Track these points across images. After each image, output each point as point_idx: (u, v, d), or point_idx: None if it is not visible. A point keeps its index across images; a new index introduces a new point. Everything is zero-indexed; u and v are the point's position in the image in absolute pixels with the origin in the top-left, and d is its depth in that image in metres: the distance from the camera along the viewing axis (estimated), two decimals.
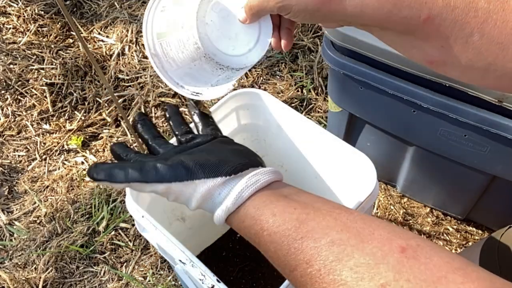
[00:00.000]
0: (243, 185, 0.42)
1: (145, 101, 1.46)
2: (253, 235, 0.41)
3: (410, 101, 0.88)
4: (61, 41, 1.67)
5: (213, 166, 0.44)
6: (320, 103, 1.43)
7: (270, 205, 0.41)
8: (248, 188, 0.42)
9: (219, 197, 0.44)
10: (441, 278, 0.30)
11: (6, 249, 1.20)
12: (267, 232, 0.39)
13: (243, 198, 0.42)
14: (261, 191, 0.43)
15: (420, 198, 1.18)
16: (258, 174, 0.44)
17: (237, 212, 0.43)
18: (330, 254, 0.34)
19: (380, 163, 1.14)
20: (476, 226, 1.16)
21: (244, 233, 0.43)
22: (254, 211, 0.41)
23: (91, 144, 1.42)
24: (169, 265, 1.14)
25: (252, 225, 0.41)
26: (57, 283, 1.13)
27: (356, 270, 0.32)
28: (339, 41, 0.89)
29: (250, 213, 0.42)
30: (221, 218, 0.44)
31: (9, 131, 1.47)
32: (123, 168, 0.45)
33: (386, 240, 0.34)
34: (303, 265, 0.35)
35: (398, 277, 0.31)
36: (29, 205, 1.28)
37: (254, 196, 0.42)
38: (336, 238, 0.35)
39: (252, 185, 0.43)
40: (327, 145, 0.76)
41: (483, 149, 0.88)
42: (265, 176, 0.44)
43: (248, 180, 0.43)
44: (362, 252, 0.33)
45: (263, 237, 0.40)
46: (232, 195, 0.42)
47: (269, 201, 0.41)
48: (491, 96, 0.78)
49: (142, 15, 1.65)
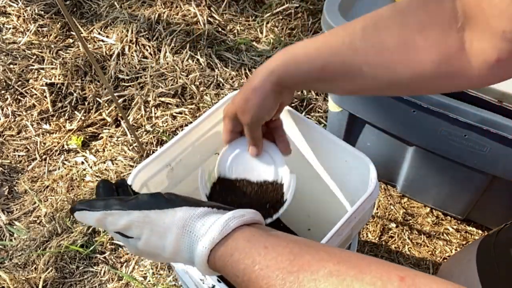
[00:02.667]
0: (230, 215, 0.40)
1: (145, 101, 1.46)
2: (241, 270, 0.37)
3: (410, 101, 0.88)
4: (61, 41, 1.67)
5: (196, 200, 0.43)
6: (320, 103, 1.43)
7: (260, 238, 0.38)
8: (235, 219, 0.40)
9: (202, 228, 0.40)
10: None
11: (6, 249, 1.20)
12: (259, 266, 0.36)
13: (230, 227, 0.39)
14: (247, 226, 0.40)
15: (420, 198, 1.18)
16: (242, 210, 0.42)
17: (224, 245, 0.39)
18: (329, 285, 0.33)
19: (380, 163, 1.14)
20: (476, 226, 1.16)
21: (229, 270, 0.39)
22: (244, 243, 0.38)
23: (91, 144, 1.42)
24: (169, 265, 1.14)
25: (241, 259, 0.37)
26: (57, 283, 1.13)
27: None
28: None
29: (240, 246, 0.38)
30: (204, 252, 0.39)
31: (9, 131, 1.47)
32: (105, 200, 0.44)
33: (384, 271, 0.33)
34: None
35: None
36: (29, 205, 1.28)
37: (243, 229, 0.40)
38: (333, 269, 0.34)
39: (239, 217, 0.40)
40: (327, 145, 0.76)
41: (483, 149, 0.88)
42: (250, 214, 0.42)
43: (234, 213, 0.40)
44: (362, 282, 0.32)
45: (254, 272, 0.36)
46: (219, 224, 0.39)
47: (259, 235, 0.39)
48: (491, 96, 0.78)
49: (142, 15, 1.66)
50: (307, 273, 0.34)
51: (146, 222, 0.41)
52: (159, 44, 1.59)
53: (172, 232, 0.40)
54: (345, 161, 0.74)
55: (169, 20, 1.66)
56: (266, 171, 0.64)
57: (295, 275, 0.34)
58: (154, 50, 1.58)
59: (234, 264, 0.38)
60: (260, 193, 0.64)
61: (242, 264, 0.37)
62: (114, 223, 0.42)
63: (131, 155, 1.37)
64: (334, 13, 0.90)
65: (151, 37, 1.61)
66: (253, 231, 0.40)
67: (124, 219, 0.42)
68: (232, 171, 0.66)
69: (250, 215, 0.42)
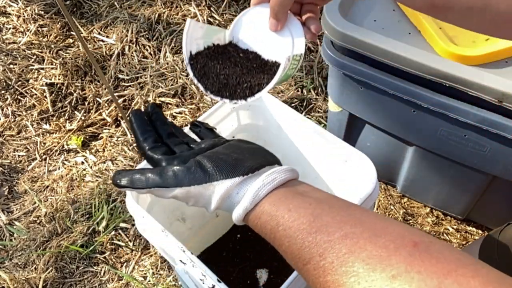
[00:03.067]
0: (259, 184, 0.43)
1: (145, 101, 1.46)
2: (268, 230, 0.42)
3: (410, 101, 0.88)
4: (61, 41, 1.67)
5: (230, 167, 0.44)
6: (320, 103, 1.43)
7: (285, 201, 0.41)
8: (264, 187, 0.43)
9: (237, 196, 0.44)
10: (451, 271, 0.30)
11: (6, 249, 1.20)
12: (282, 227, 0.40)
13: (260, 197, 0.43)
14: (277, 189, 0.43)
15: (420, 198, 1.18)
16: (274, 172, 0.44)
17: (253, 209, 0.43)
18: (343, 247, 0.35)
19: (380, 163, 1.14)
20: (476, 226, 1.16)
21: (259, 229, 0.43)
22: (270, 207, 0.42)
23: (91, 144, 1.42)
24: (169, 265, 1.14)
25: (268, 221, 0.41)
26: (57, 283, 1.13)
27: (368, 261, 0.33)
28: (339, 41, 0.89)
29: (266, 210, 0.42)
30: (239, 217, 0.44)
31: (9, 131, 1.47)
32: (143, 174, 0.46)
33: (399, 235, 0.34)
34: (317, 258, 0.36)
35: (409, 269, 0.31)
36: (29, 205, 1.28)
37: (271, 194, 0.43)
38: (349, 232, 0.36)
39: (269, 184, 0.43)
40: (327, 145, 0.76)
41: (483, 149, 0.88)
42: (281, 174, 0.44)
43: (265, 179, 0.43)
44: (375, 245, 0.34)
45: (278, 232, 0.40)
46: (249, 194, 0.43)
47: (285, 197, 0.42)
48: (491, 96, 0.78)
49: (142, 15, 1.66)
50: (324, 235, 0.36)
51: (189, 196, 0.45)
52: (159, 44, 1.59)
53: (214, 202, 0.45)
54: (345, 161, 0.74)
55: (169, 20, 1.66)
56: (281, 52, 0.56)
57: (313, 236, 0.37)
58: (154, 50, 1.58)
59: (262, 225, 0.42)
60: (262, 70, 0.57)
61: (269, 226, 0.41)
62: (161, 196, 0.47)
63: (131, 155, 1.37)
64: (334, 13, 0.90)
65: (151, 37, 1.61)
66: (280, 194, 0.42)
67: (168, 195, 0.46)
68: (246, 40, 0.58)
69: (281, 176, 0.44)
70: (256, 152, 0.48)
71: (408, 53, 0.82)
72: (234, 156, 0.46)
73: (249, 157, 0.46)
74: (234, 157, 0.45)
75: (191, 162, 0.46)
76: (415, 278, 0.30)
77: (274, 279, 1.02)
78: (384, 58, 0.85)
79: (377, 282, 0.32)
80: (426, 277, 0.30)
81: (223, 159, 0.45)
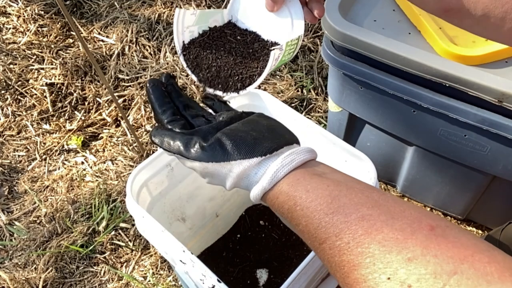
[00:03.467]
0: (278, 165, 0.43)
1: (145, 101, 1.46)
2: (286, 210, 0.42)
3: (410, 101, 0.88)
4: (61, 41, 1.67)
5: (249, 146, 0.44)
6: (320, 103, 1.43)
7: (304, 182, 0.41)
8: (283, 168, 0.43)
9: (255, 176, 0.44)
10: (468, 256, 0.30)
11: (6, 249, 1.20)
12: (300, 207, 0.40)
13: (278, 178, 0.42)
14: (295, 170, 0.43)
15: (420, 198, 1.18)
16: (293, 153, 0.44)
17: (271, 189, 0.43)
18: (359, 228, 0.35)
19: (380, 163, 1.14)
20: (476, 226, 1.16)
21: (277, 209, 0.44)
22: (288, 188, 0.42)
23: (91, 144, 1.42)
24: (169, 265, 1.14)
25: (285, 201, 0.42)
26: (57, 283, 1.13)
27: (384, 244, 0.33)
28: (339, 41, 0.89)
29: (284, 190, 0.42)
30: (257, 196, 0.44)
31: (9, 131, 1.47)
32: (173, 138, 0.47)
33: (416, 219, 0.34)
34: (333, 238, 0.36)
35: (425, 252, 0.31)
36: (29, 205, 1.28)
37: (289, 174, 0.43)
38: (366, 213, 0.36)
39: (288, 165, 0.43)
40: (327, 145, 0.76)
41: (483, 149, 0.88)
42: (300, 155, 0.44)
43: (284, 160, 0.43)
44: (392, 227, 0.34)
45: (296, 212, 0.40)
46: (268, 175, 0.43)
47: (303, 178, 0.42)
48: (491, 96, 0.78)
49: (142, 15, 1.66)
50: (341, 216, 0.37)
51: (206, 172, 0.46)
52: (159, 44, 1.59)
53: (230, 180, 0.45)
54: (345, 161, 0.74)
55: (169, 20, 1.66)
56: (279, 33, 0.54)
57: (330, 216, 0.37)
58: (154, 50, 1.58)
59: (280, 204, 0.42)
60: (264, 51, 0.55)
61: (286, 205, 0.41)
62: (182, 163, 0.48)
63: (131, 155, 1.37)
64: (334, 13, 0.90)
65: (151, 37, 1.61)
66: (298, 175, 0.42)
67: (187, 165, 0.47)
68: (245, 19, 0.56)
69: (300, 157, 0.44)
70: (276, 130, 0.47)
71: (408, 53, 0.82)
72: (253, 135, 0.45)
73: (268, 136, 0.46)
74: (253, 135, 0.45)
75: (212, 139, 0.46)
76: (431, 262, 0.30)
77: (274, 279, 1.02)
78: (384, 58, 0.85)
79: (392, 264, 0.32)
80: (442, 261, 0.30)
81: (243, 137, 0.45)
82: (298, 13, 0.52)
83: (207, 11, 0.55)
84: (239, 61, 0.55)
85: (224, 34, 0.56)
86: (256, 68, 0.54)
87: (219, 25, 0.57)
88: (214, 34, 0.56)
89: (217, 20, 0.57)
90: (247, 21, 0.56)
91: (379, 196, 0.38)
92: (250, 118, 0.49)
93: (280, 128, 0.48)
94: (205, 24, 0.56)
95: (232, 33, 0.56)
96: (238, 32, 0.56)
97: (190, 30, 0.55)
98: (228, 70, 0.54)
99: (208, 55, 0.55)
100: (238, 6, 0.56)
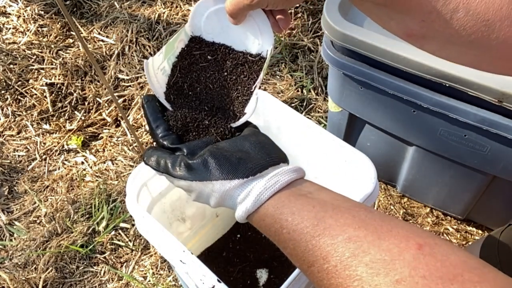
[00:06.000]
0: (261, 188, 0.42)
1: None
2: (272, 233, 0.42)
3: (410, 101, 0.88)
4: (61, 41, 1.67)
5: (232, 166, 0.44)
6: (320, 103, 1.43)
7: (289, 204, 0.41)
8: (266, 190, 0.42)
9: (238, 197, 0.44)
10: (457, 276, 0.30)
11: (6, 249, 1.20)
12: (286, 230, 0.40)
13: (262, 200, 0.42)
14: (281, 191, 0.43)
15: (420, 198, 1.18)
16: (278, 174, 0.43)
17: (257, 211, 0.43)
18: (346, 251, 0.35)
19: (380, 163, 1.14)
20: (476, 226, 1.16)
21: (263, 231, 0.44)
22: (274, 210, 0.42)
23: (91, 144, 1.42)
24: (169, 265, 1.14)
25: (271, 224, 0.42)
26: (57, 283, 1.13)
27: (372, 266, 0.33)
28: (339, 41, 0.89)
29: (270, 213, 0.42)
30: (241, 218, 0.44)
31: (9, 131, 1.47)
32: (162, 158, 0.48)
33: (403, 238, 0.34)
34: (320, 261, 0.36)
35: (413, 273, 0.31)
36: (29, 205, 1.28)
37: (274, 196, 0.43)
38: (353, 235, 0.35)
39: (271, 187, 0.43)
40: (327, 145, 0.76)
41: (483, 149, 0.88)
42: (285, 176, 0.44)
43: (267, 182, 0.43)
44: (379, 248, 0.33)
45: (282, 235, 0.40)
46: (251, 197, 0.43)
47: (288, 200, 0.42)
48: (491, 96, 0.78)
49: (142, 15, 1.65)
50: (327, 238, 0.36)
51: (191, 190, 0.46)
52: (159, 44, 1.59)
53: (213, 199, 0.45)
54: (345, 161, 0.74)
55: (169, 20, 1.66)
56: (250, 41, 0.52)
57: (317, 239, 0.37)
58: (154, 50, 1.58)
59: (266, 227, 0.43)
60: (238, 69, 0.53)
61: (273, 228, 0.42)
62: (171, 182, 0.49)
63: (131, 155, 1.37)
64: (334, 13, 0.90)
65: (151, 37, 1.61)
66: (283, 197, 0.42)
67: (175, 184, 0.48)
68: (209, 30, 0.53)
69: (284, 179, 0.43)
70: (264, 148, 0.47)
71: (408, 53, 0.82)
72: (238, 155, 0.45)
73: (254, 157, 0.45)
74: (238, 156, 0.45)
75: (197, 157, 0.46)
76: (420, 283, 0.30)
77: (274, 279, 1.02)
78: (384, 58, 0.85)
79: (380, 286, 0.31)
80: (431, 282, 0.30)
81: (227, 156, 0.45)
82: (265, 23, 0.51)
83: (171, 40, 0.54)
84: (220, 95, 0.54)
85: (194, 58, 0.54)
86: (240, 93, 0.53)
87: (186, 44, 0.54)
88: (184, 62, 0.54)
89: (182, 39, 0.55)
90: (212, 31, 0.54)
91: (366, 214, 0.38)
92: (238, 137, 0.49)
93: (268, 146, 0.48)
94: (172, 51, 0.54)
95: (201, 53, 0.54)
96: (207, 49, 0.54)
97: (161, 69, 0.54)
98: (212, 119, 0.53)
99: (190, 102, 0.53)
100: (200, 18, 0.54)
